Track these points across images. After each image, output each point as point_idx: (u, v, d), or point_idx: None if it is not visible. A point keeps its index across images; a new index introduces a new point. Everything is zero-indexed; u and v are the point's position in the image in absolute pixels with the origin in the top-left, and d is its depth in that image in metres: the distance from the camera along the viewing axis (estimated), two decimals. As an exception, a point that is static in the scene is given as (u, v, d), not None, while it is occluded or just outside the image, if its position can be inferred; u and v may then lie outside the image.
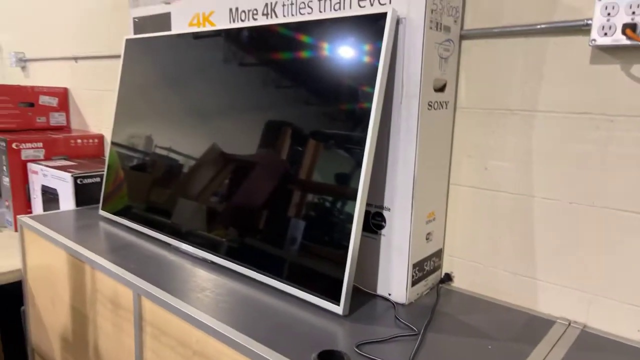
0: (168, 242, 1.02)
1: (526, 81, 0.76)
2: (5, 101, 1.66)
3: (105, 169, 1.23)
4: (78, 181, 1.32)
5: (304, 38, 0.81)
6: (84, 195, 1.34)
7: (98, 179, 1.36)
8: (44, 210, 1.46)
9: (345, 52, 0.75)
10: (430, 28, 0.72)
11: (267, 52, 0.86)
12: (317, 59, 0.79)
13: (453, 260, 0.88)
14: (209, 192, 0.95)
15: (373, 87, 0.71)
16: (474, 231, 0.85)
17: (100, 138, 1.71)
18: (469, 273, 0.86)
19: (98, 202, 1.35)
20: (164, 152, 1.06)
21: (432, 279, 0.86)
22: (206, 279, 0.85)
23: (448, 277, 0.88)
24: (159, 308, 0.79)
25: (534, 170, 0.77)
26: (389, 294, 0.81)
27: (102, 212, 1.22)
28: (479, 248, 0.84)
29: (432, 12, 0.72)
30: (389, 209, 0.78)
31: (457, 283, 0.88)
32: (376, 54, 0.72)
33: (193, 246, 0.96)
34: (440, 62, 0.77)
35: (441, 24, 0.75)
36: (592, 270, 0.73)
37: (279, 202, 0.82)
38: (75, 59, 1.82)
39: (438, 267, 0.87)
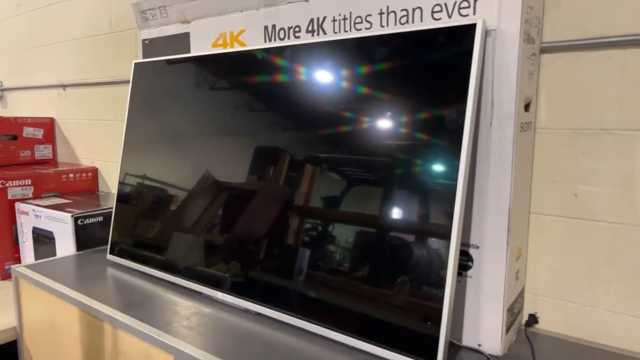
0: (198, 290, 0.89)
1: (624, 97, 0.68)
2: (-14, 134, 1.49)
3: (114, 207, 1.09)
4: (79, 222, 1.17)
5: (375, 56, 0.71)
6: (85, 237, 1.19)
7: (100, 218, 1.21)
8: (36, 255, 1.29)
9: (428, 70, 0.66)
10: (524, 41, 0.64)
11: (331, 71, 0.76)
12: (393, 80, 0.69)
13: (537, 299, 0.78)
14: (252, 232, 0.83)
15: (463, 108, 0.62)
16: (562, 266, 0.75)
17: (94, 171, 1.56)
18: (558, 313, 0.76)
19: (99, 245, 1.20)
20: (184, 186, 0.94)
21: (518, 322, 0.76)
22: (258, 335, 0.72)
23: (534, 319, 0.78)
24: (211, 377, 0.66)
25: (638, 196, 0.68)
26: (479, 345, 0.70)
27: (110, 257, 1.07)
28: (571, 285, 0.75)
29: (525, 22, 0.64)
30: (477, 247, 0.68)
31: (544, 325, 0.78)
32: (465, 71, 0.62)
33: (232, 295, 0.83)
34: (529, 78, 0.68)
35: (531, 36, 0.67)
36: None
37: (356, 242, 0.70)
38: (63, 86, 1.67)
39: (521, 308, 0.78)
